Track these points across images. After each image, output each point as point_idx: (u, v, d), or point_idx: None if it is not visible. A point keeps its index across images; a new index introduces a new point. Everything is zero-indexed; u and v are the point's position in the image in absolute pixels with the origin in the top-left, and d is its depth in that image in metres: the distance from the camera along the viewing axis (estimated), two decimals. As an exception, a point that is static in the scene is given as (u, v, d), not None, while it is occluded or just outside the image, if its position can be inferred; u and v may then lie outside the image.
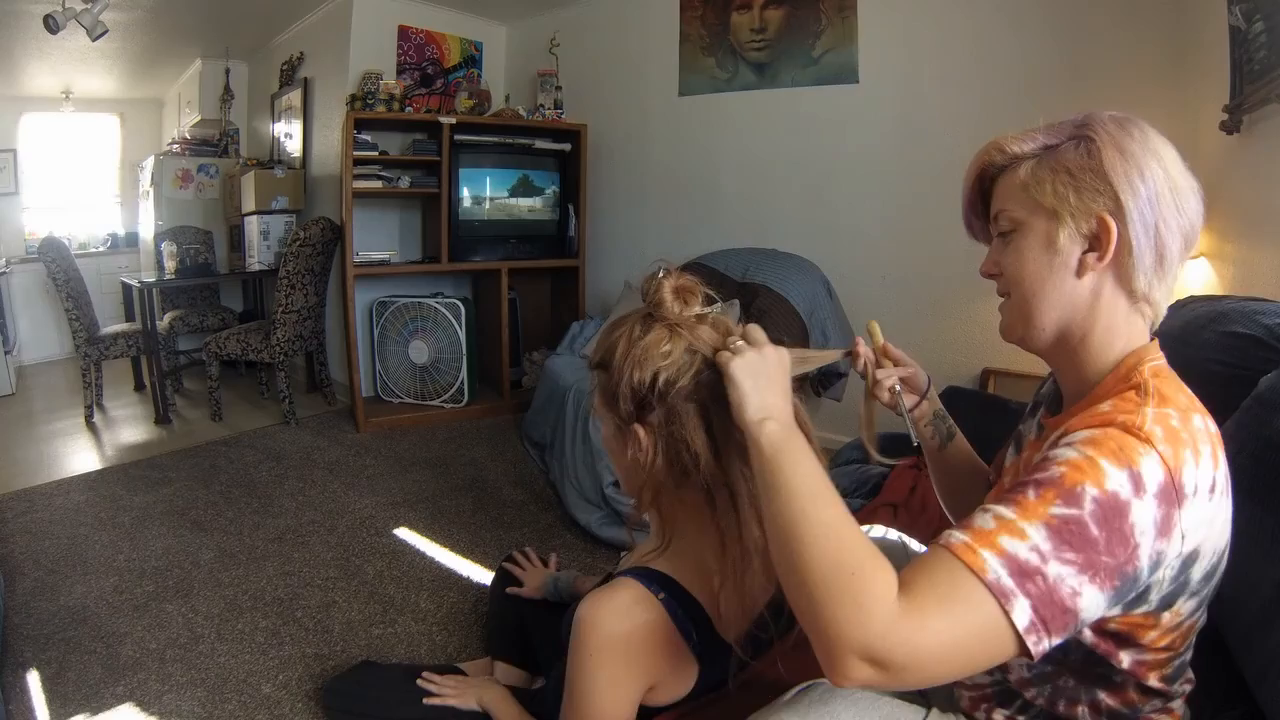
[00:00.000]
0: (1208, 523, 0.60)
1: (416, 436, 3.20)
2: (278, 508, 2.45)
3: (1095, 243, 0.66)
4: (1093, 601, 0.55)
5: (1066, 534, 0.54)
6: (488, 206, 3.50)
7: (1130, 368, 0.66)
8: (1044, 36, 2.41)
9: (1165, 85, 2.18)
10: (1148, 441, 0.57)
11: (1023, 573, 0.54)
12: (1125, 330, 0.68)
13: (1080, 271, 0.67)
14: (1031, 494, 0.57)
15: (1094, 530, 0.54)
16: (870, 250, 2.87)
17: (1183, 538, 0.58)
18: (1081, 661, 0.67)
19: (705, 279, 0.91)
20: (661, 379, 0.79)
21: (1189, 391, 0.65)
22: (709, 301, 0.85)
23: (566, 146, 3.61)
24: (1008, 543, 0.55)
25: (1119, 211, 0.64)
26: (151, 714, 1.45)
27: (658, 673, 0.83)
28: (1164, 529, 0.56)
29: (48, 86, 5.00)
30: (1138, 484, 0.55)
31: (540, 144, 3.58)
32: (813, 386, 2.79)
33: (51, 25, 3.01)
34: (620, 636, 0.80)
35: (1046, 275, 0.69)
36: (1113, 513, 0.55)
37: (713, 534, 0.82)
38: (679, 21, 3.31)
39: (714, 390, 0.78)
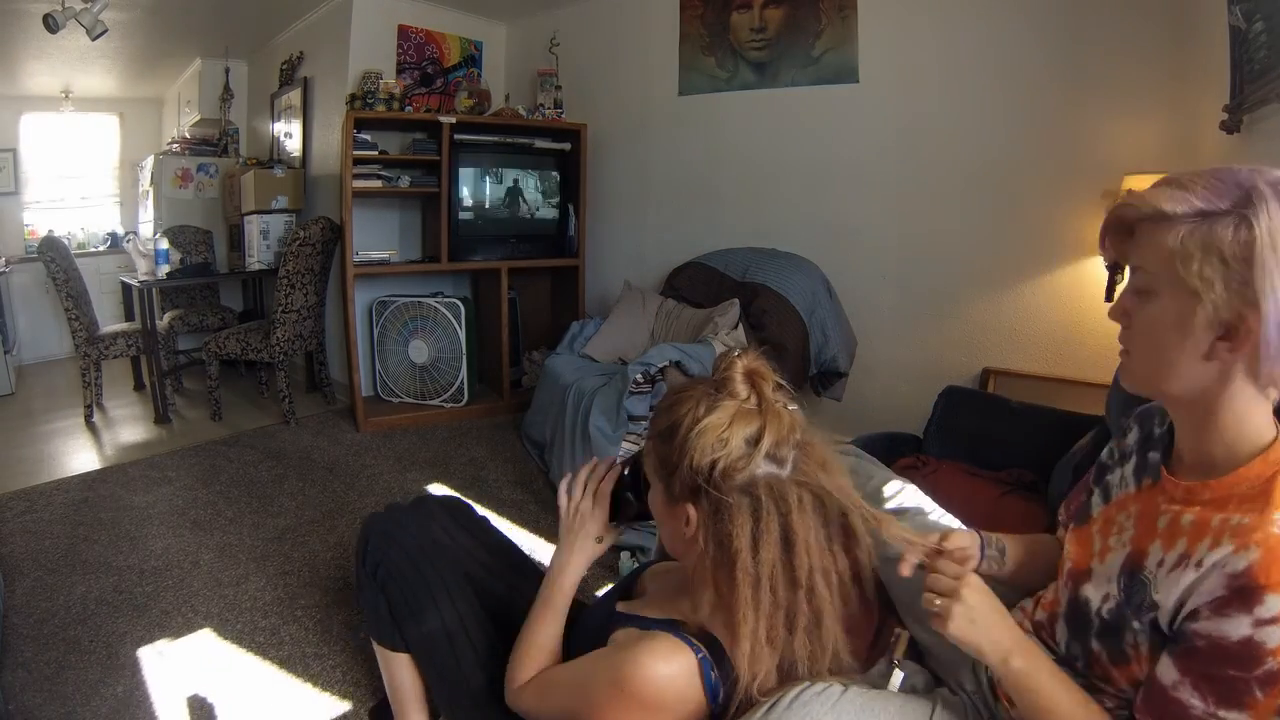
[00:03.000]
0: None
1: (416, 436, 3.20)
2: (278, 508, 2.45)
3: (1230, 331, 0.63)
4: None
5: None
6: (488, 206, 3.50)
7: (1272, 475, 0.65)
8: (1044, 36, 2.41)
9: (1165, 84, 2.18)
10: None
11: None
12: (1252, 413, 0.67)
13: (1209, 355, 0.65)
14: (1259, 693, 0.59)
15: None
16: (870, 249, 2.87)
17: None
18: None
19: (705, 279, 0.91)
20: (719, 468, 0.79)
21: None
22: (779, 390, 0.84)
23: (566, 146, 3.61)
24: None
25: (1256, 309, 0.61)
26: (153, 713, 1.46)
27: None
28: None
29: (47, 86, 5.00)
30: None
31: (540, 143, 3.58)
32: (813, 386, 2.80)
33: (51, 25, 3.01)
34: (654, 687, 0.80)
35: (1175, 352, 0.67)
36: None
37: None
38: (679, 21, 3.30)
39: (771, 488, 0.78)
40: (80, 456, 2.98)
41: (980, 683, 0.89)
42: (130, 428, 3.39)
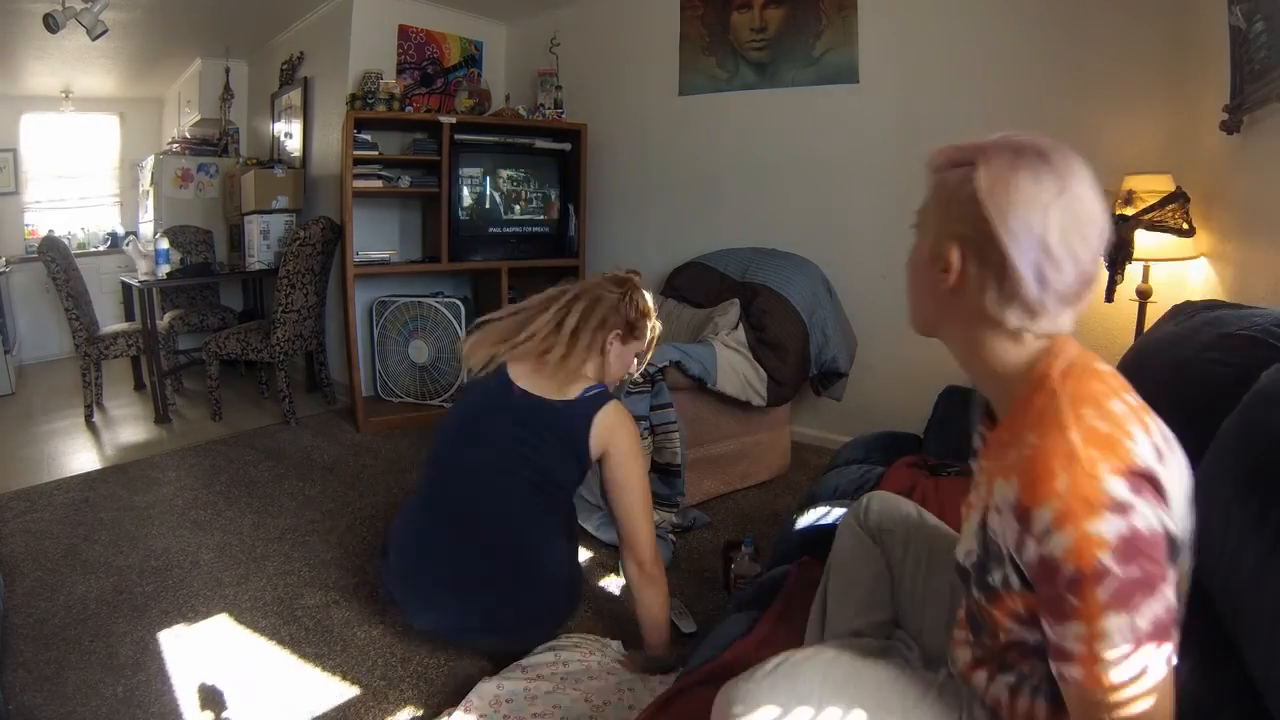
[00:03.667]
0: (1176, 478, 0.66)
1: (416, 436, 3.20)
2: (277, 508, 2.45)
3: (945, 264, 0.72)
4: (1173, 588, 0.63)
5: (1127, 597, 0.60)
6: (488, 206, 3.50)
7: (1039, 377, 0.70)
8: (1044, 36, 2.41)
9: (1165, 85, 2.18)
10: (1093, 468, 0.61)
11: (1139, 642, 0.60)
12: (1005, 348, 0.72)
13: (935, 287, 0.74)
14: (1074, 600, 0.61)
15: (1136, 571, 0.60)
16: (870, 250, 2.87)
17: (1168, 496, 0.64)
18: None
19: (705, 278, 0.94)
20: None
21: (1103, 372, 0.70)
22: None
23: (566, 146, 3.61)
24: (1109, 651, 0.61)
25: (969, 243, 0.69)
26: (151, 714, 1.46)
27: None
28: (1160, 500, 0.63)
29: (48, 86, 5.00)
30: (1121, 507, 0.61)
31: (540, 144, 3.58)
32: (813, 386, 2.80)
33: (51, 24, 3.01)
34: None
35: (914, 280, 0.77)
36: (1131, 544, 0.60)
37: None
38: (679, 21, 3.31)
39: None
40: (80, 456, 2.98)
41: (952, 669, 0.90)
42: (130, 428, 3.39)
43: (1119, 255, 2.08)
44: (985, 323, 0.72)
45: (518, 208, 3.56)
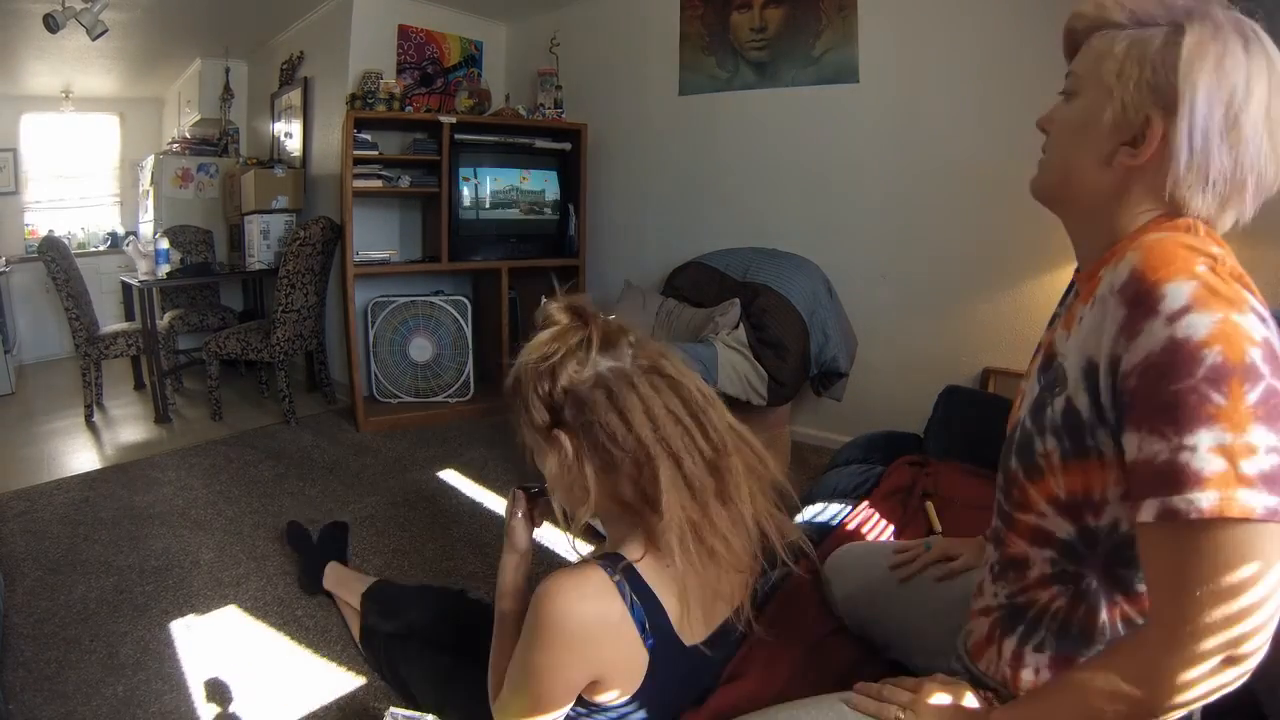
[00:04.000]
0: None
1: (417, 435, 3.20)
2: (277, 508, 2.45)
3: (1138, 138, 0.62)
4: None
5: (1276, 412, 0.50)
6: (488, 206, 3.49)
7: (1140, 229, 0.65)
8: (1044, 35, 2.38)
9: (1165, 85, 2.17)
10: (1225, 273, 0.55)
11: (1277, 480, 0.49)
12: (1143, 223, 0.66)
13: (1110, 160, 0.65)
14: (1216, 396, 0.50)
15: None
16: (870, 249, 2.87)
17: None
18: (1108, 556, 0.65)
19: (705, 278, 0.93)
20: (563, 378, 0.82)
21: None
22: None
23: (566, 146, 3.61)
24: (1248, 465, 0.49)
25: (1173, 116, 0.60)
26: (152, 713, 1.46)
27: (604, 666, 0.81)
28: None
29: (48, 86, 5.00)
30: (1260, 315, 0.53)
31: (540, 143, 3.58)
32: (814, 386, 2.80)
33: (51, 24, 3.02)
34: (575, 619, 0.77)
35: (1078, 152, 0.67)
36: (1275, 355, 0.52)
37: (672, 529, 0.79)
38: (679, 21, 3.30)
39: (619, 375, 0.82)
40: (80, 456, 2.98)
41: (961, 653, 0.89)
42: (130, 427, 3.39)
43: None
44: (1156, 203, 0.64)
45: (518, 208, 3.56)
